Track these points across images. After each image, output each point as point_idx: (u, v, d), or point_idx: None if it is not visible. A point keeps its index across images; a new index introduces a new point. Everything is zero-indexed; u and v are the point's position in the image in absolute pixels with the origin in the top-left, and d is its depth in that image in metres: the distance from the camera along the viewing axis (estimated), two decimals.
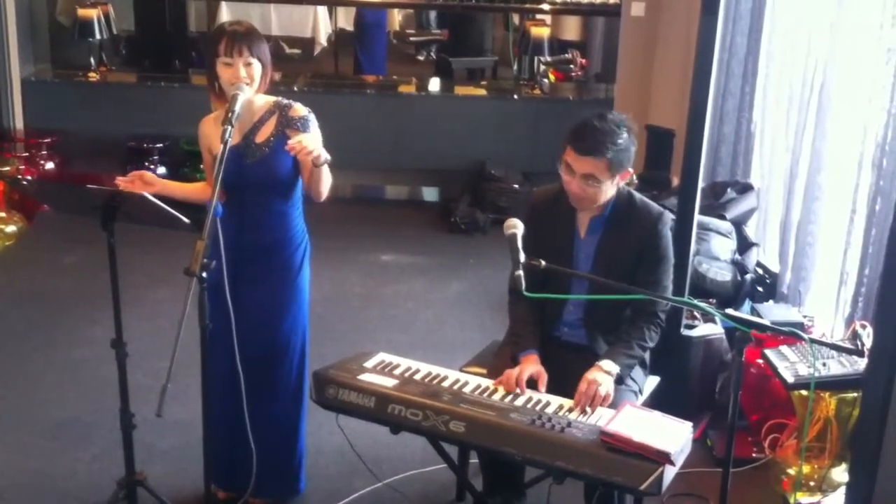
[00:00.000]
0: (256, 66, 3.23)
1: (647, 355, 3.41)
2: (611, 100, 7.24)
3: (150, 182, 3.30)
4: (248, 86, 3.21)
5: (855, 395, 3.50)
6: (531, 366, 3.22)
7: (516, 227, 2.99)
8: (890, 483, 2.83)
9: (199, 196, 3.46)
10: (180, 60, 8.26)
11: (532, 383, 3.18)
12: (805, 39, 4.82)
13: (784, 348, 3.68)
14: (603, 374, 3.14)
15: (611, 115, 3.22)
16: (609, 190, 3.25)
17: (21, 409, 4.34)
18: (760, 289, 5.06)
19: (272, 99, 3.37)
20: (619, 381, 3.22)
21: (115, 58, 8.48)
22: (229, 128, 3.05)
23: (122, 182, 3.25)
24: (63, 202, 3.71)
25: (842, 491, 3.48)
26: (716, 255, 4.87)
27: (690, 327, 4.27)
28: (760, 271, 5.15)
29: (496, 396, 3.11)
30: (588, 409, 3.03)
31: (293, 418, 3.57)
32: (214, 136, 3.27)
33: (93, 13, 7.40)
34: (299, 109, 3.34)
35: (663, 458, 2.73)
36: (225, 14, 10.05)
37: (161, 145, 7.01)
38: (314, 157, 3.14)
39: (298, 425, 3.60)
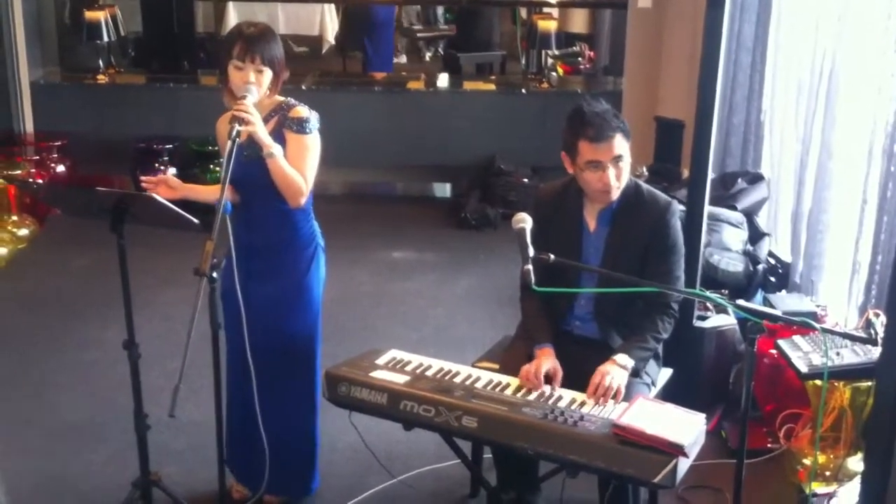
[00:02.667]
0: (267, 73, 3.24)
1: (660, 347, 3.40)
2: (619, 92, 7.23)
3: (175, 187, 3.30)
4: (258, 90, 3.22)
5: (869, 384, 3.48)
6: (547, 360, 3.21)
7: (525, 221, 2.99)
8: None
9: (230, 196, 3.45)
10: (188, 61, 8.27)
11: (547, 380, 3.17)
12: (813, 28, 4.80)
13: (797, 338, 3.66)
14: (617, 368, 3.14)
15: (591, 100, 3.26)
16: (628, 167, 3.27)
17: (34, 411, 4.36)
18: (773, 279, 5.04)
19: (280, 99, 3.37)
20: (635, 373, 3.22)
21: (123, 60, 8.50)
22: (237, 125, 3.06)
23: (146, 185, 3.26)
24: (73, 205, 3.72)
25: (857, 480, 3.46)
26: (727, 245, 4.85)
27: (703, 318, 4.25)
28: (772, 261, 5.13)
29: (508, 391, 3.10)
30: (601, 403, 3.02)
31: (305, 417, 3.57)
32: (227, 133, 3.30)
33: (100, 15, 7.41)
34: (300, 111, 3.32)
35: (676, 450, 2.72)
36: (232, 14, 10.07)
37: (170, 146, 7.02)
38: (249, 129, 3.10)
39: (311, 424, 3.60)
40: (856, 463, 3.62)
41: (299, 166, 3.26)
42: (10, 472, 3.86)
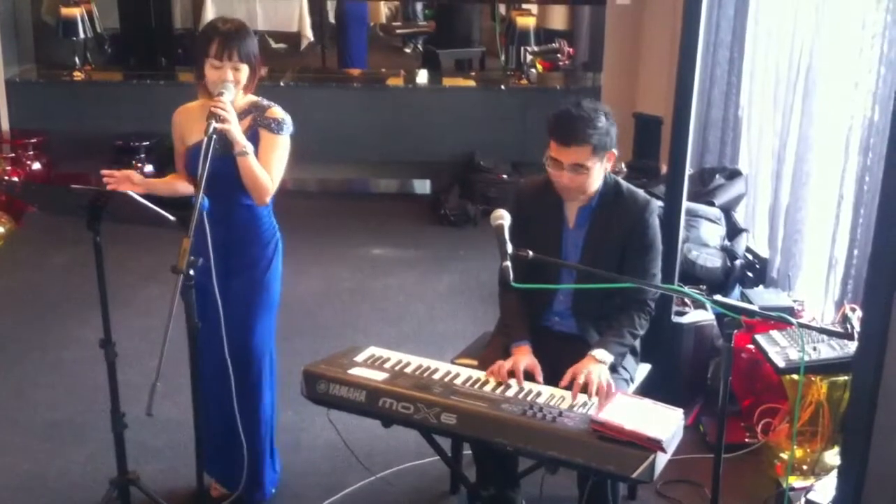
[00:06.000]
0: (244, 70, 3.24)
1: (637, 343, 3.41)
2: (598, 88, 7.24)
3: (138, 183, 3.30)
4: (235, 87, 3.21)
5: (846, 378, 3.50)
6: (525, 357, 3.21)
7: (503, 218, 2.99)
8: (881, 465, 2.83)
9: (176, 187, 3.45)
10: (166, 57, 8.24)
11: (528, 376, 3.17)
12: (790, 24, 4.82)
13: (774, 333, 3.68)
14: (596, 364, 3.14)
15: (585, 102, 3.23)
16: (598, 176, 3.25)
17: (12, 410, 4.33)
18: (750, 274, 5.07)
19: (254, 98, 3.37)
20: (612, 369, 3.22)
21: (99, 56, 8.45)
22: (213, 122, 3.05)
23: (109, 179, 3.24)
24: (48, 203, 3.69)
25: (834, 474, 3.49)
26: (705, 241, 4.88)
27: (681, 314, 4.27)
28: (750, 257, 5.16)
29: (487, 388, 3.10)
30: (589, 400, 3.02)
31: (262, 414, 3.53)
32: (188, 126, 3.35)
33: (76, 12, 7.37)
34: (276, 112, 3.33)
35: (655, 445, 2.73)
36: (210, 10, 10.00)
37: (148, 143, 6.98)
38: (225, 127, 3.09)
39: (268, 421, 3.57)
40: (832, 457, 3.64)
41: (269, 165, 3.27)
42: None
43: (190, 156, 3.29)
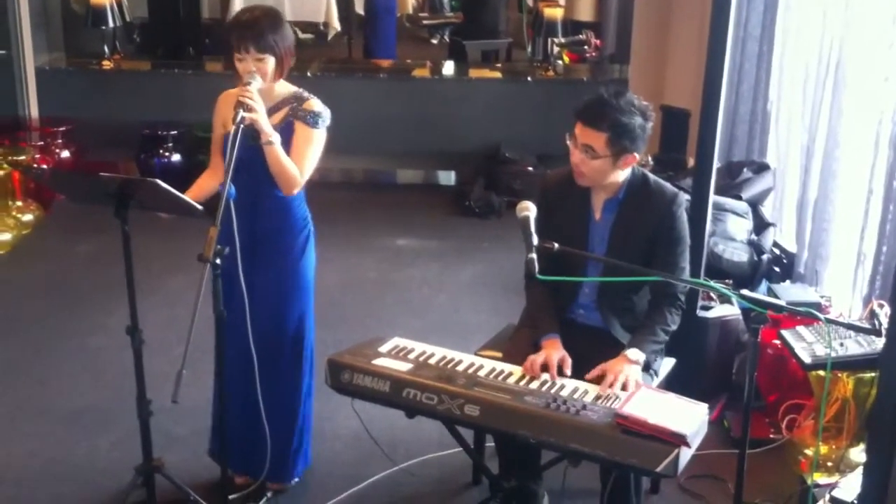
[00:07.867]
0: (269, 60, 3.21)
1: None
2: (625, 80, 7.20)
3: None
4: (261, 77, 3.21)
5: (872, 375, 3.48)
6: (556, 351, 3.20)
7: (529, 209, 2.98)
8: None
9: (207, 191, 3.44)
10: (194, 47, 8.27)
11: (558, 370, 3.15)
12: (820, 18, 4.78)
13: (801, 329, 3.66)
14: (628, 364, 3.12)
15: (628, 96, 3.19)
16: (607, 171, 3.21)
17: (39, 397, 4.36)
18: (777, 269, 5.03)
19: (294, 89, 3.36)
20: (647, 366, 3.21)
21: (128, 45, 8.50)
22: (241, 111, 3.05)
23: None
24: (76, 191, 3.71)
25: (860, 471, 3.46)
26: (732, 235, 4.85)
27: (706, 308, 4.25)
28: (777, 251, 5.12)
29: (511, 380, 3.10)
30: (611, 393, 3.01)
31: (293, 402, 3.56)
32: (227, 111, 3.29)
33: (105, 1, 7.40)
34: (314, 104, 3.32)
35: (679, 440, 2.72)
36: (238, 0, 10.04)
37: (175, 132, 7.01)
38: (252, 116, 3.09)
39: (298, 408, 3.59)
40: (858, 454, 3.62)
41: (300, 158, 3.26)
42: (16, 457, 3.88)
43: (224, 142, 3.30)
